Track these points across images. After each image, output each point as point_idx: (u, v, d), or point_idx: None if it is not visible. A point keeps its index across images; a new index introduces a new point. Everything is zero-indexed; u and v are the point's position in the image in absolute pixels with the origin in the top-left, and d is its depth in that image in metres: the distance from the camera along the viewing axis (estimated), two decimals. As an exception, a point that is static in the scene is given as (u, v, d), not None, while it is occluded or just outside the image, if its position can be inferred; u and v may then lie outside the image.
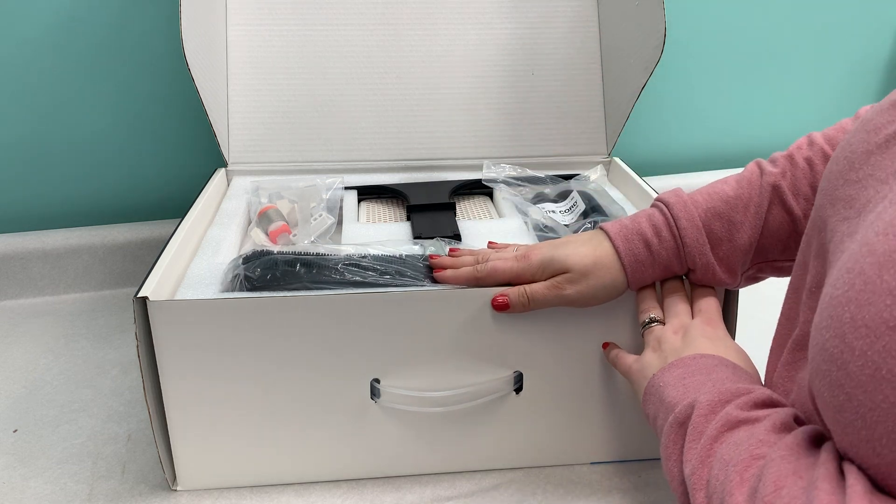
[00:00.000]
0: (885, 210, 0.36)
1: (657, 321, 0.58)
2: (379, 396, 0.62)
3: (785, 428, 0.41)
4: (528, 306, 0.59)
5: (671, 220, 0.58)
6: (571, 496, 0.64)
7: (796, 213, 0.57)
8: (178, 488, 0.64)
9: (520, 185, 0.87)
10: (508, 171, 0.89)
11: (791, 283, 0.51)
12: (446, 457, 0.66)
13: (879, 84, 1.22)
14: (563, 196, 0.85)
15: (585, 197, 0.82)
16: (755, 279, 0.62)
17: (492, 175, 0.88)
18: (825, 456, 0.37)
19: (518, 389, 0.64)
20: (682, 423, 0.46)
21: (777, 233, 0.58)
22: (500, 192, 0.86)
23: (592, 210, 0.79)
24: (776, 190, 0.58)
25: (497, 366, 0.62)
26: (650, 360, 0.54)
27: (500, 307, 0.59)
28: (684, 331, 0.55)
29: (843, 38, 1.18)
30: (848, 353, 0.34)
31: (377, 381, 0.62)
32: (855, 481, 0.34)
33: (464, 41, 0.94)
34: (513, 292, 0.59)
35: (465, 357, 0.61)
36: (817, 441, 0.40)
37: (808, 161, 0.58)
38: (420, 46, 0.94)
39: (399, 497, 0.64)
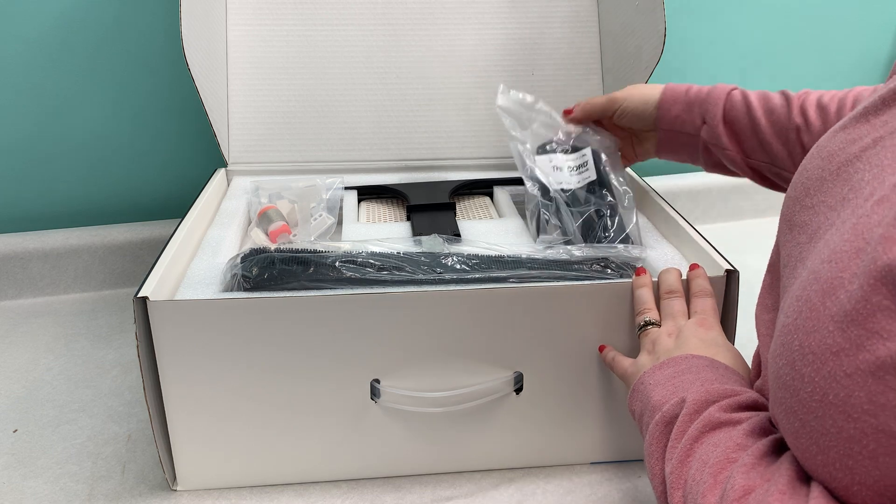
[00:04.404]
0: (832, 237, 0.37)
1: (653, 324, 0.58)
2: (379, 396, 0.62)
3: (762, 432, 0.42)
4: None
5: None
6: (571, 496, 0.64)
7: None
8: (178, 488, 0.64)
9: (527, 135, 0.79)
10: (524, 98, 0.80)
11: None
12: (446, 457, 0.66)
13: (879, 84, 1.22)
14: (575, 149, 0.78)
15: (597, 159, 0.77)
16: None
17: (507, 103, 0.80)
18: (786, 461, 0.38)
19: (518, 390, 0.64)
20: (669, 422, 0.46)
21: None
22: (510, 141, 0.79)
23: (600, 185, 0.75)
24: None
25: (497, 366, 0.62)
26: (644, 363, 0.55)
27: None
28: (678, 332, 0.56)
29: (843, 37, 1.18)
30: (798, 380, 0.35)
31: (377, 381, 0.62)
32: (819, 493, 0.34)
33: (464, 41, 0.94)
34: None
35: (465, 357, 0.61)
36: (786, 446, 0.40)
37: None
38: (420, 46, 0.94)
39: (399, 497, 0.64)
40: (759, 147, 0.68)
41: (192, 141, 1.02)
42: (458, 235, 0.74)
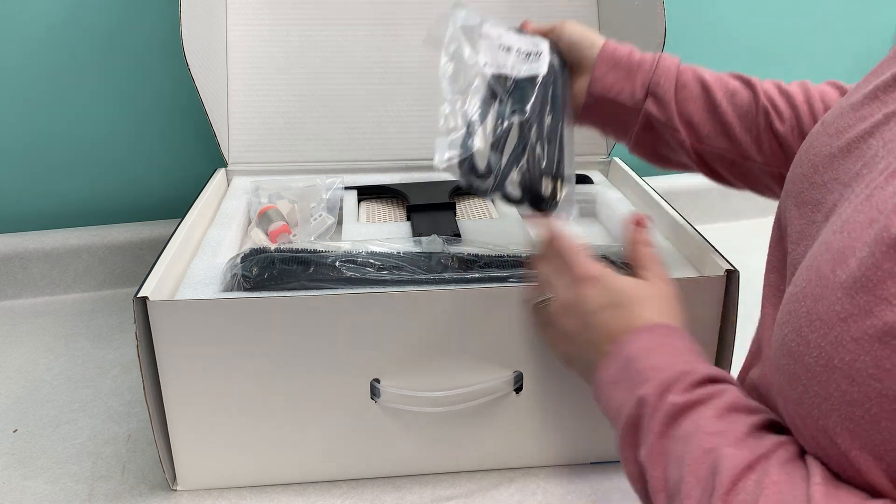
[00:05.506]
0: (844, 209, 0.38)
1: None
2: (379, 396, 0.62)
3: (730, 411, 0.41)
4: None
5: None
6: (571, 496, 0.64)
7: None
8: (178, 488, 0.64)
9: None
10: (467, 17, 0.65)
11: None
12: (446, 457, 0.66)
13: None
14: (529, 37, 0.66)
15: (560, 65, 0.64)
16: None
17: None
18: (776, 445, 0.37)
19: (518, 389, 0.64)
20: (635, 425, 0.44)
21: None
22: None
23: (553, 93, 0.61)
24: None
25: (497, 366, 0.62)
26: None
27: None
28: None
29: (842, 37, 1.18)
30: (804, 346, 0.35)
31: (377, 381, 0.62)
32: (819, 476, 0.34)
33: (464, 41, 0.94)
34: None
35: (465, 357, 0.61)
36: (766, 428, 0.40)
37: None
38: (420, 46, 0.94)
39: (399, 497, 0.64)
40: (719, 132, 0.63)
41: (192, 141, 1.02)
42: (458, 235, 0.74)
